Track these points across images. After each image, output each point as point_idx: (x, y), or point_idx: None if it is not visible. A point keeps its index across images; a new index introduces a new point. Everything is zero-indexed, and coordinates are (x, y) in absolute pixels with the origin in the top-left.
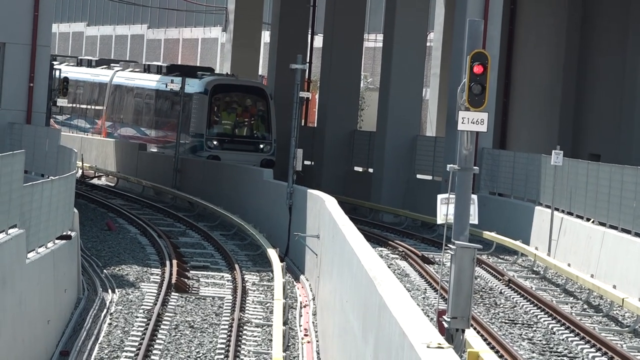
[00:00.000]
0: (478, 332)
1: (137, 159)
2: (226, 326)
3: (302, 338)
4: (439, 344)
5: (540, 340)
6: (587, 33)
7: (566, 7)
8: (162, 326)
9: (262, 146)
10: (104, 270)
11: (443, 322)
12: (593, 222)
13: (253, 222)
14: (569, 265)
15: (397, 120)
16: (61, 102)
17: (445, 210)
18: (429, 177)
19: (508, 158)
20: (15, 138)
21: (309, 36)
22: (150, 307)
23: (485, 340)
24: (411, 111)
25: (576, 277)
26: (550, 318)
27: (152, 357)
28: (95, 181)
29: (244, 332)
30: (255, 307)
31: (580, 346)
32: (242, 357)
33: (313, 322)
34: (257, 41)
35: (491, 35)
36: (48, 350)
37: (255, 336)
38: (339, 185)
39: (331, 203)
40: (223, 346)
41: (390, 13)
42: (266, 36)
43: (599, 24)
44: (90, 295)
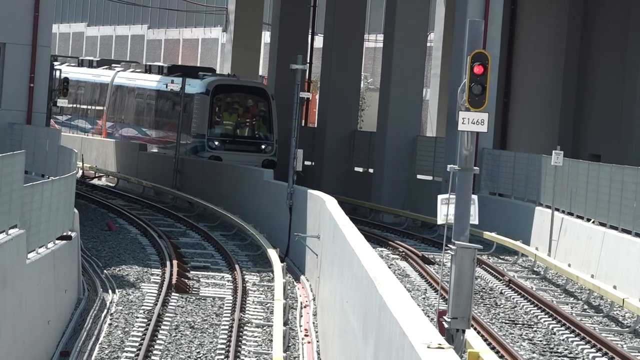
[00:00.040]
0: (478, 333)
1: (138, 160)
2: (226, 326)
3: (303, 338)
4: (440, 345)
5: (540, 340)
6: (588, 33)
7: (567, 8)
8: (163, 326)
9: (264, 147)
10: (104, 270)
11: (443, 323)
12: (593, 223)
13: (253, 223)
14: (570, 265)
15: (398, 120)
16: (61, 103)
17: (445, 210)
18: (429, 178)
19: (508, 158)
20: (15, 138)
21: (309, 36)
22: (150, 308)
23: (485, 340)
24: (411, 111)
25: (576, 278)
26: (550, 318)
27: (153, 358)
28: (95, 181)
29: (245, 333)
30: (255, 308)
31: (580, 346)
32: (243, 358)
33: (313, 323)
34: (258, 41)
35: (491, 35)
36: (48, 350)
37: (255, 336)
38: (339, 185)
39: (331, 203)
40: (223, 346)
41: (390, 13)
42: (266, 36)
43: (600, 24)
44: (90, 295)
